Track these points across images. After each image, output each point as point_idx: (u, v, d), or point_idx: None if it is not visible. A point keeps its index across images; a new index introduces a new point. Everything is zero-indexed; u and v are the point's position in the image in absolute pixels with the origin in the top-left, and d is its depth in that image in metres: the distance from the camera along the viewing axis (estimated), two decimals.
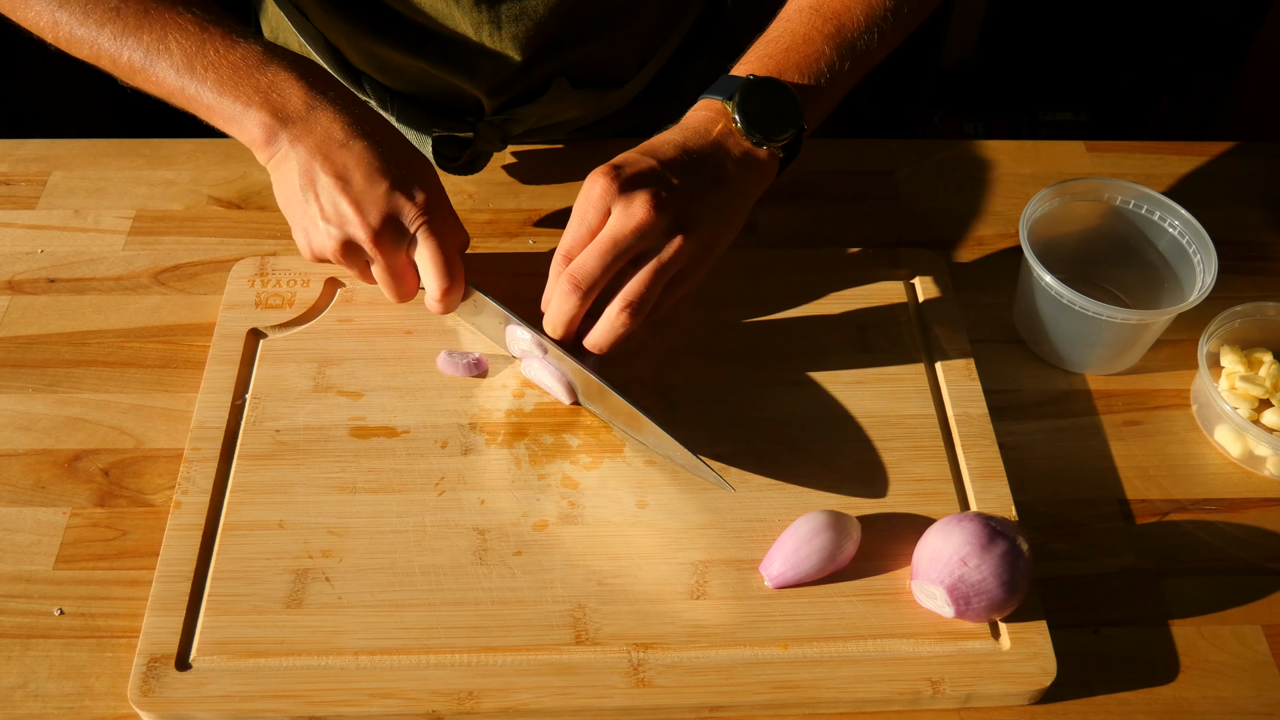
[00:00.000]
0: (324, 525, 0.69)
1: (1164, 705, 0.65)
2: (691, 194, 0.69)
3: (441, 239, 0.71)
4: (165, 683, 0.62)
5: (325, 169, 0.69)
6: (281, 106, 0.70)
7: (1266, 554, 0.72)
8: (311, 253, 0.72)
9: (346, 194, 0.68)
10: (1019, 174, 0.95)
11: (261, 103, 0.70)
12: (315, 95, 0.70)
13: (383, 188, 0.69)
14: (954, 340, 0.80)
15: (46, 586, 0.68)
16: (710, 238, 0.70)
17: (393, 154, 0.70)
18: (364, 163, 0.69)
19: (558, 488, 0.71)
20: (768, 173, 0.74)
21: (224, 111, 0.71)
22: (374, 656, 0.64)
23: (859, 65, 0.75)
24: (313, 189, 0.69)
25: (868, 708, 0.64)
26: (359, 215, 0.69)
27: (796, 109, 0.72)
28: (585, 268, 0.68)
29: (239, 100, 0.70)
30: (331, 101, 0.71)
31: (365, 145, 0.69)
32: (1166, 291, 0.81)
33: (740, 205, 0.73)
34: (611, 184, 0.67)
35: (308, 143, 0.69)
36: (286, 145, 0.70)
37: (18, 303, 0.83)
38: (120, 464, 0.73)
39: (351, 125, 0.70)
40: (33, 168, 0.93)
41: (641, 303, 0.68)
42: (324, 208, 0.69)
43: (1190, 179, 0.95)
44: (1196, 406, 0.79)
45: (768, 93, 0.72)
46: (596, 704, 0.63)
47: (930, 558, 0.64)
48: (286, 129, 0.70)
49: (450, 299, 0.72)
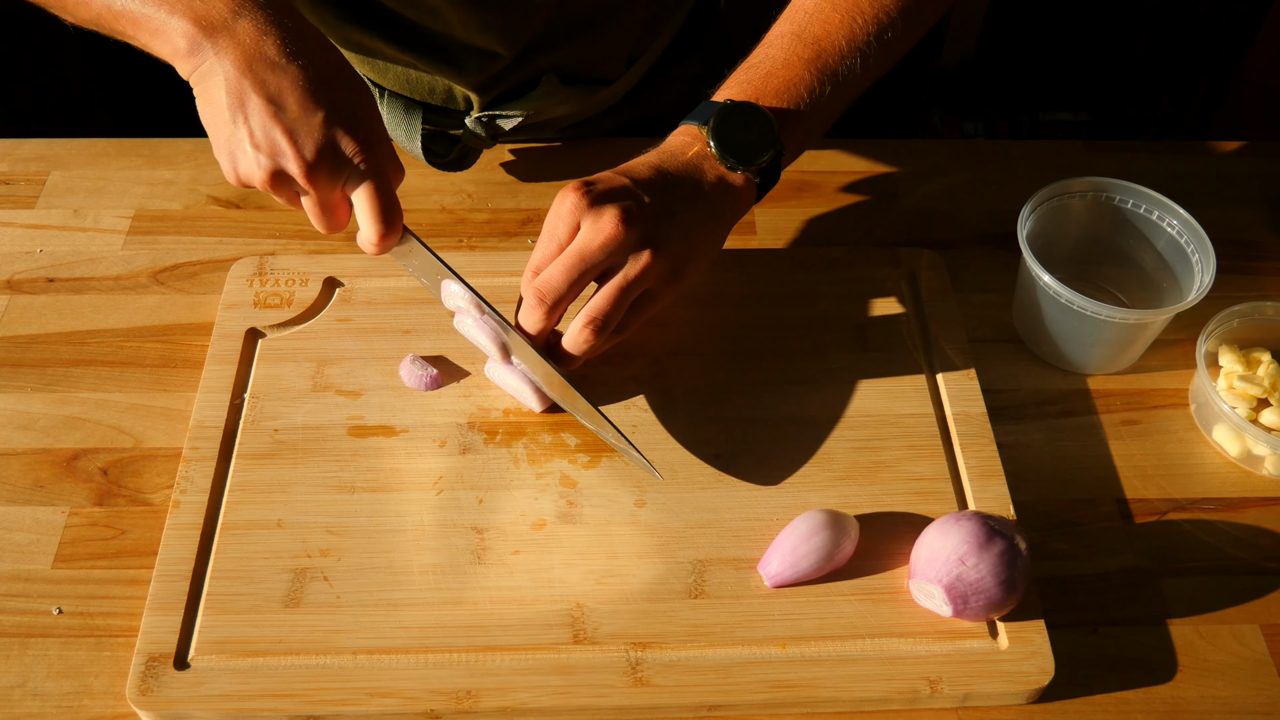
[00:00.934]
0: (322, 524, 0.69)
1: (1162, 705, 0.65)
2: (662, 212, 0.69)
3: (382, 178, 0.66)
4: (164, 682, 0.62)
5: (257, 90, 0.63)
6: (205, 13, 0.63)
7: (1265, 553, 0.72)
8: (237, 178, 0.66)
9: (279, 121, 0.63)
10: (1019, 174, 0.95)
11: (186, 9, 0.63)
12: (246, 8, 0.64)
13: (319, 117, 0.63)
14: (953, 340, 0.80)
15: (45, 586, 0.68)
16: (680, 258, 0.69)
17: (331, 78, 0.65)
18: (299, 87, 0.63)
19: (556, 487, 0.71)
20: (744, 197, 0.73)
21: (149, 24, 0.65)
22: (372, 656, 0.64)
23: (841, 91, 0.74)
24: (242, 111, 0.63)
25: (866, 707, 0.64)
26: (292, 146, 0.63)
27: (773, 134, 0.72)
28: (551, 282, 0.67)
29: (163, 8, 0.64)
30: (261, 8, 0.64)
31: (300, 65, 0.64)
32: (1165, 291, 0.81)
33: (714, 229, 0.72)
34: (581, 199, 0.67)
35: (235, 56, 0.63)
36: (212, 57, 0.63)
37: (17, 302, 0.83)
38: (119, 463, 0.73)
39: (284, 40, 0.64)
40: (32, 167, 0.93)
41: (605, 320, 0.67)
42: (254, 133, 0.63)
43: (1190, 179, 0.95)
44: (1195, 406, 0.79)
45: (744, 117, 0.72)
46: (595, 703, 0.63)
47: (928, 557, 0.64)
48: (210, 39, 0.63)
49: (387, 243, 0.68)
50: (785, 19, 0.76)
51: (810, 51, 0.73)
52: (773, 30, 0.76)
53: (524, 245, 0.88)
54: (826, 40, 0.74)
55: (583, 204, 0.67)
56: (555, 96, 0.91)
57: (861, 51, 0.74)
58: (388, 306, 0.80)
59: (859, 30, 0.74)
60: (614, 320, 0.68)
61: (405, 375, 0.76)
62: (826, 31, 0.74)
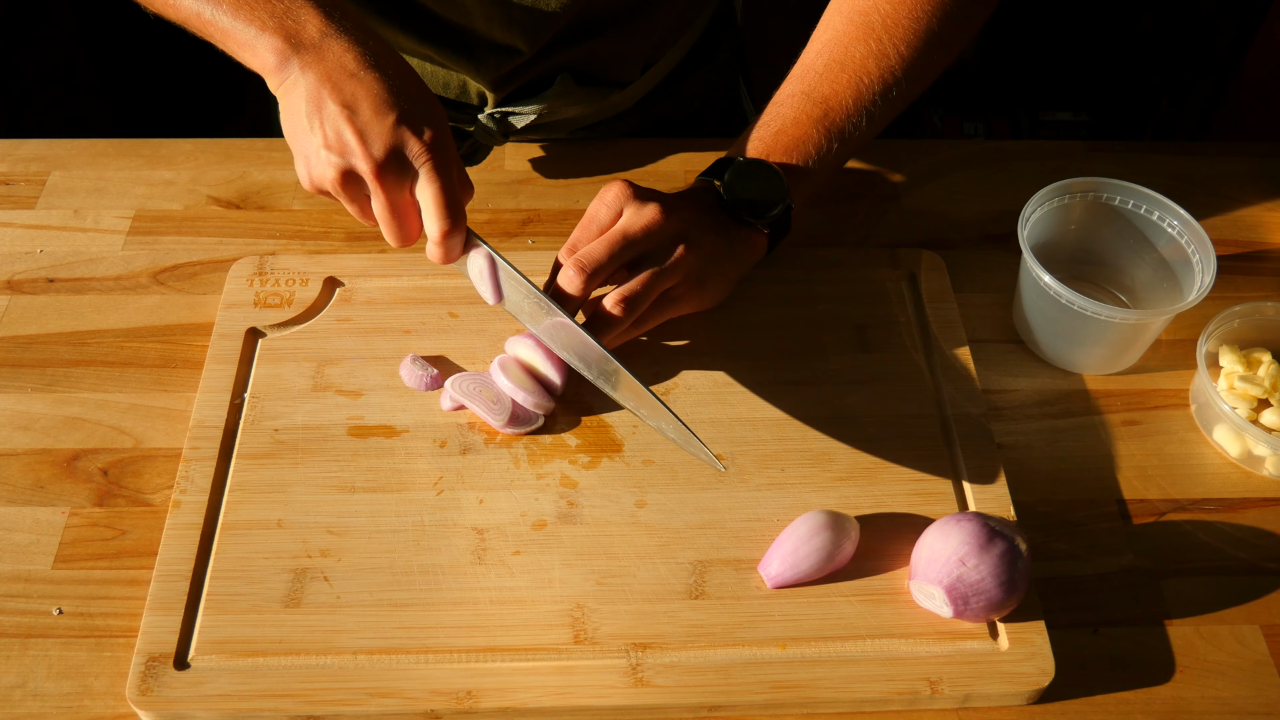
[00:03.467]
0: (322, 524, 0.69)
1: (1162, 705, 0.65)
2: (695, 220, 0.74)
3: (446, 178, 0.68)
4: (164, 682, 0.62)
5: (333, 97, 0.67)
6: (296, 32, 0.68)
7: (1265, 554, 0.72)
8: (311, 182, 0.70)
9: (352, 123, 0.66)
10: (1019, 174, 0.95)
11: (276, 27, 0.68)
12: (330, 23, 0.69)
13: (390, 120, 0.67)
14: (953, 340, 0.80)
15: (45, 586, 0.68)
16: (707, 268, 0.74)
17: (403, 88, 0.68)
18: (373, 94, 0.67)
19: (556, 487, 0.71)
20: (757, 247, 0.78)
21: (238, 36, 0.69)
22: (372, 656, 0.64)
23: (847, 146, 0.79)
24: (318, 116, 0.67)
25: (866, 708, 0.64)
26: (362, 145, 0.66)
27: (783, 188, 0.76)
28: (592, 254, 0.71)
29: (254, 24, 0.68)
30: (347, 30, 0.69)
31: (376, 76, 0.67)
32: (1165, 291, 0.81)
33: (730, 264, 0.77)
34: (626, 188, 0.73)
35: (318, 70, 0.67)
36: (297, 72, 0.68)
37: (17, 302, 0.83)
38: (119, 463, 0.73)
39: (364, 56, 0.68)
40: (32, 167, 0.93)
41: (634, 299, 0.71)
42: (327, 135, 0.67)
43: (1190, 179, 0.95)
44: (1195, 406, 0.79)
45: (755, 173, 0.76)
46: (595, 704, 0.63)
47: (929, 558, 0.64)
48: (299, 55, 0.68)
49: (450, 243, 0.69)
50: (795, 79, 0.79)
51: (819, 110, 0.77)
52: (783, 90, 0.79)
53: (524, 245, 0.88)
54: (834, 100, 0.77)
55: (627, 192, 0.73)
56: (569, 97, 0.92)
57: (867, 110, 0.77)
58: (388, 306, 0.80)
59: (865, 90, 0.77)
60: (641, 304, 0.71)
61: (405, 375, 0.76)
62: (834, 91, 0.77)
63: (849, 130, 0.77)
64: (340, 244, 0.87)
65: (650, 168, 0.95)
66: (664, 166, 0.95)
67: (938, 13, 0.77)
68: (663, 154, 0.96)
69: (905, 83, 0.78)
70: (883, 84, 0.77)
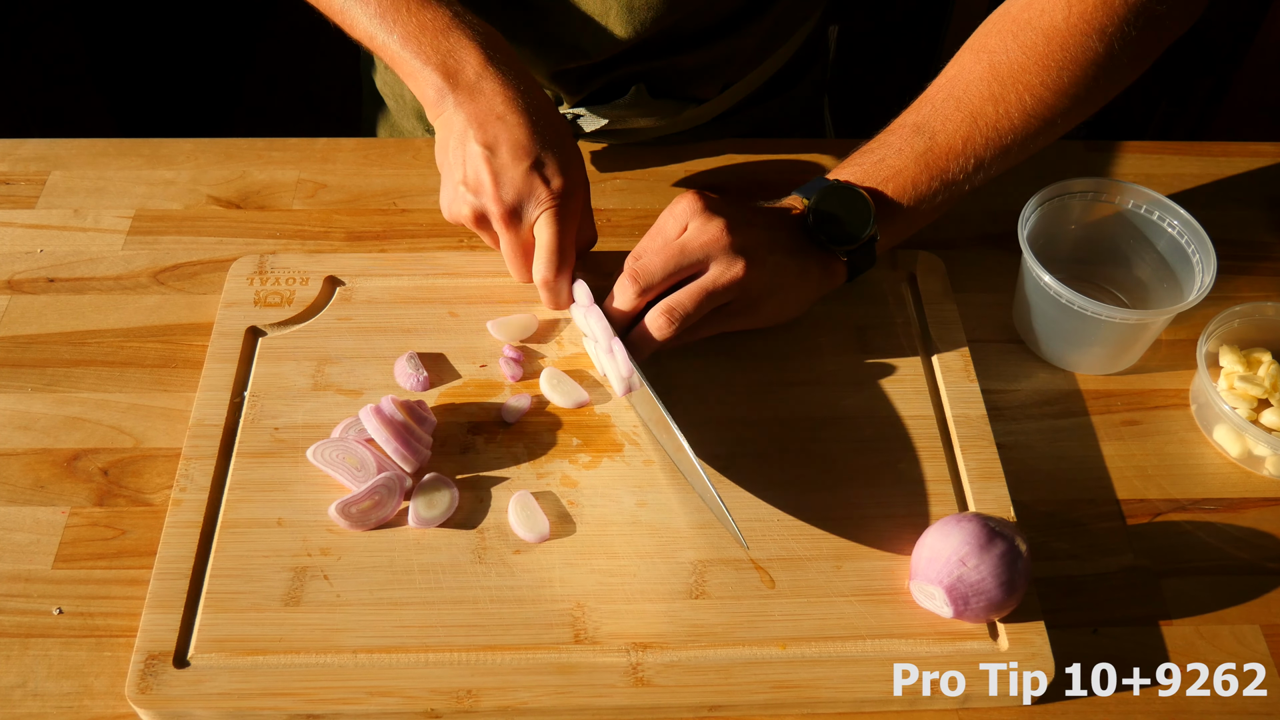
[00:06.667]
0: (322, 523, 0.69)
1: (1162, 705, 0.65)
2: (764, 240, 0.72)
3: (561, 227, 0.72)
4: (163, 680, 0.62)
5: (478, 137, 0.71)
6: (456, 71, 0.72)
7: (1265, 554, 0.72)
8: (448, 214, 0.74)
9: (490, 165, 0.71)
10: (1019, 174, 0.94)
11: (439, 64, 0.72)
12: (489, 65, 0.72)
13: (524, 166, 0.71)
14: (953, 340, 0.80)
15: (45, 586, 0.68)
16: (766, 286, 0.73)
17: (544, 135, 0.72)
18: (513, 138, 0.71)
19: (557, 487, 0.71)
20: (835, 272, 0.77)
21: (405, 66, 0.74)
22: (372, 655, 0.64)
23: (949, 189, 0.75)
24: (462, 153, 0.72)
25: (866, 708, 0.64)
26: (495, 188, 0.71)
27: (869, 217, 0.74)
28: (648, 267, 0.71)
29: (419, 58, 0.73)
30: (503, 74, 0.73)
31: (520, 120, 0.71)
32: (1165, 291, 0.81)
33: (802, 283, 0.75)
34: (696, 201, 0.72)
35: (469, 109, 0.72)
36: (451, 108, 0.72)
37: (17, 302, 0.83)
38: (119, 463, 0.73)
39: (514, 99, 0.72)
40: (32, 167, 0.93)
41: (679, 311, 0.70)
42: (467, 174, 0.72)
43: (1190, 179, 0.95)
44: (1195, 406, 0.79)
45: (844, 198, 0.75)
46: (595, 703, 0.63)
47: (929, 558, 0.64)
48: (455, 93, 0.72)
49: (551, 290, 0.74)
50: (912, 109, 0.77)
51: (924, 145, 0.75)
52: (898, 118, 0.77)
53: None
54: (942, 135, 0.75)
55: (697, 206, 0.72)
56: (641, 107, 0.92)
57: (977, 154, 0.75)
58: (388, 305, 0.80)
59: (978, 132, 0.74)
60: (691, 318, 0.71)
61: (398, 373, 0.76)
62: (944, 128, 0.75)
63: (953, 171, 0.74)
64: (340, 243, 0.87)
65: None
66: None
67: (1071, 67, 0.73)
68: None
69: (1023, 133, 0.74)
70: (996, 130, 0.74)
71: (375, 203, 0.91)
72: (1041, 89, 0.73)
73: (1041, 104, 0.74)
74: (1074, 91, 0.74)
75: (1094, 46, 0.72)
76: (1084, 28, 0.72)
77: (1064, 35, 0.72)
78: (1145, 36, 0.73)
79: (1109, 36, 0.72)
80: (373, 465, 0.70)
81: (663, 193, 0.93)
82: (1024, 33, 0.73)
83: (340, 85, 0.83)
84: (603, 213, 0.90)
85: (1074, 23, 0.72)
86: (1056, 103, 0.74)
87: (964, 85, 0.75)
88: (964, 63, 0.76)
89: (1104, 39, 0.72)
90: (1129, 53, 0.73)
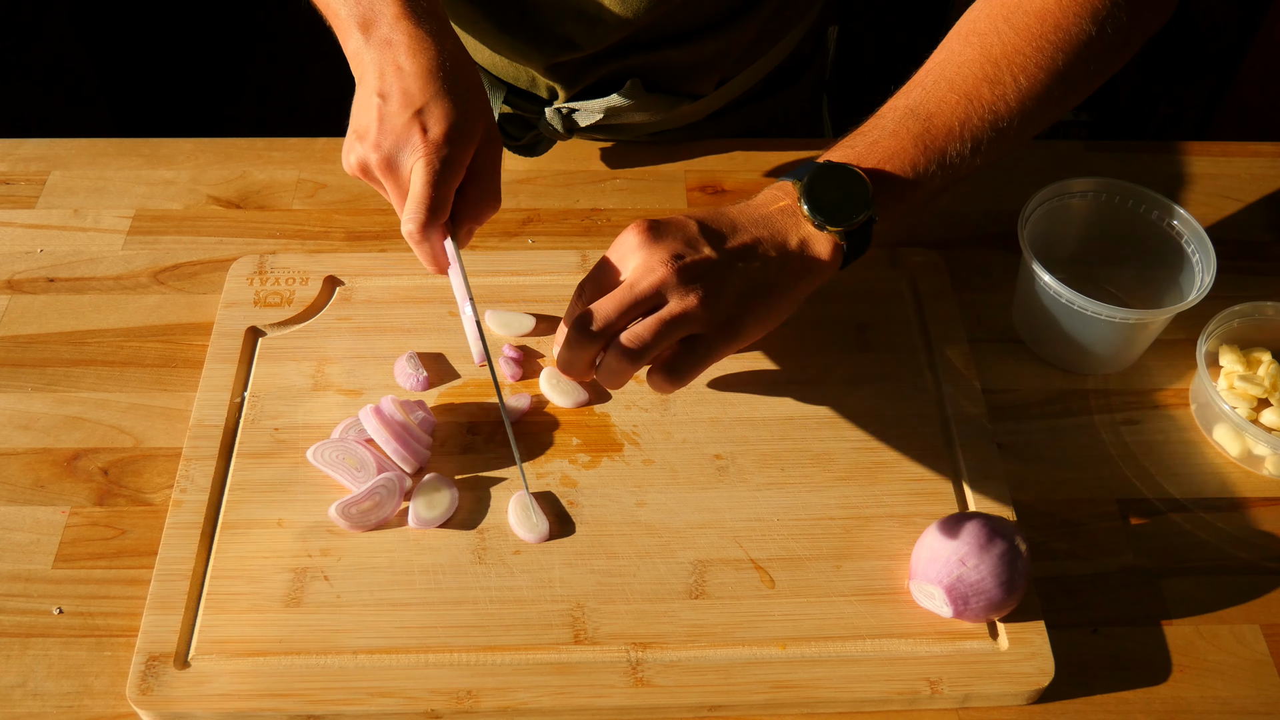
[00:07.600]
0: (323, 524, 0.69)
1: (1162, 705, 0.65)
2: (721, 262, 0.67)
3: (434, 177, 0.67)
4: (164, 681, 0.62)
5: (375, 86, 0.68)
6: (373, 22, 0.70)
7: (1265, 553, 0.72)
8: (345, 165, 0.71)
9: (379, 113, 0.68)
10: (1019, 174, 0.95)
11: (359, 16, 0.70)
12: (404, 19, 0.69)
13: (408, 114, 0.67)
14: (953, 340, 0.80)
15: (45, 585, 0.68)
16: (734, 310, 0.67)
17: (438, 85, 0.68)
18: (404, 87, 0.67)
19: (556, 487, 0.71)
20: (828, 261, 0.70)
21: (336, 22, 0.72)
22: (373, 655, 0.64)
23: (947, 171, 0.72)
24: (359, 104, 0.69)
25: (866, 708, 0.64)
26: (378, 135, 0.67)
27: (867, 197, 0.69)
28: (605, 314, 0.65)
29: (345, 8, 0.71)
30: (416, 26, 0.69)
31: (417, 70, 0.68)
32: (1165, 291, 0.81)
33: (783, 289, 0.69)
34: (640, 235, 0.67)
35: (375, 59, 0.69)
36: (365, 60, 0.70)
37: (17, 302, 0.83)
38: (119, 463, 0.73)
39: (419, 52, 0.69)
40: (32, 167, 0.93)
41: (638, 345, 0.65)
42: (359, 122, 0.69)
43: (1190, 179, 0.95)
44: (1195, 406, 0.79)
45: (839, 178, 0.70)
46: (595, 703, 0.63)
47: (929, 558, 0.64)
48: (368, 44, 0.70)
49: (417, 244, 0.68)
50: (902, 94, 0.74)
51: (920, 126, 0.72)
52: (888, 102, 0.75)
53: (524, 245, 0.88)
54: (939, 118, 0.72)
55: (640, 239, 0.67)
56: (637, 101, 0.91)
57: (974, 135, 0.72)
58: (388, 305, 0.80)
59: (974, 114, 0.72)
60: (648, 350, 0.65)
61: (398, 373, 0.76)
62: (940, 110, 0.72)
63: (951, 153, 0.72)
64: (340, 243, 0.87)
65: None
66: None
67: (1065, 49, 0.71)
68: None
69: (1020, 115, 0.72)
70: (993, 112, 0.72)
71: (375, 203, 0.90)
72: (1037, 70, 0.72)
73: (1037, 85, 0.72)
74: (1068, 75, 0.73)
75: (1087, 29, 0.72)
76: (1076, 9, 0.72)
77: (1057, 16, 0.72)
78: (1135, 19, 0.73)
79: (1101, 19, 0.72)
80: (373, 466, 0.70)
81: (663, 192, 0.93)
82: (1016, 15, 0.73)
83: (340, 85, 0.83)
84: (603, 213, 0.90)
85: (1066, 5, 0.72)
86: (1052, 84, 0.73)
87: (955, 68, 0.73)
88: (953, 47, 0.74)
89: (1096, 21, 0.72)
90: (1121, 35, 0.73)
